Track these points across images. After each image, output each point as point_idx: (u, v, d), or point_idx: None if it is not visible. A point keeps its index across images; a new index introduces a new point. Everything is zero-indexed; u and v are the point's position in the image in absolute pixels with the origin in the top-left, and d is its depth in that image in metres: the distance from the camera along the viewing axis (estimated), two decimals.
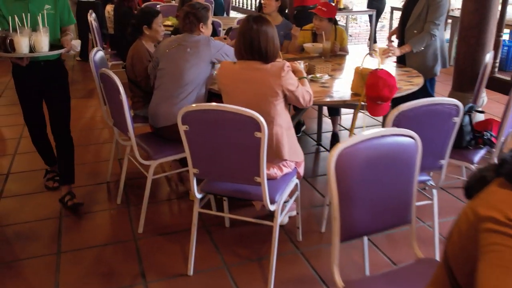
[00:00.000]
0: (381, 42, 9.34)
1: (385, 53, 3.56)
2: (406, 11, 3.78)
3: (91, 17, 5.54)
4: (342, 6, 7.55)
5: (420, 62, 3.73)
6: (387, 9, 9.03)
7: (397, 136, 1.80)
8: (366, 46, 8.75)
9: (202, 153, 2.29)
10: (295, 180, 2.61)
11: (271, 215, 2.43)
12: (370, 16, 8.82)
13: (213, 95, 3.20)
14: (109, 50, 6.07)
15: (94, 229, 3.01)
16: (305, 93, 2.52)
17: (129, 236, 2.91)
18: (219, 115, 2.17)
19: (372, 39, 8.28)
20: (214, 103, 2.25)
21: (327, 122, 4.54)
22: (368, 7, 8.44)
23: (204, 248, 2.77)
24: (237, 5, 10.99)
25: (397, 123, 2.18)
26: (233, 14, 10.07)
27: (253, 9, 11.33)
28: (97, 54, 3.41)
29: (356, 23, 11.02)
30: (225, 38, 3.71)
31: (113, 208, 3.26)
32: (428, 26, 3.59)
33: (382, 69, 2.75)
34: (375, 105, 2.77)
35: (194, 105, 2.22)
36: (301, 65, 2.90)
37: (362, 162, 1.74)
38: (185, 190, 3.44)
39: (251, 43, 2.39)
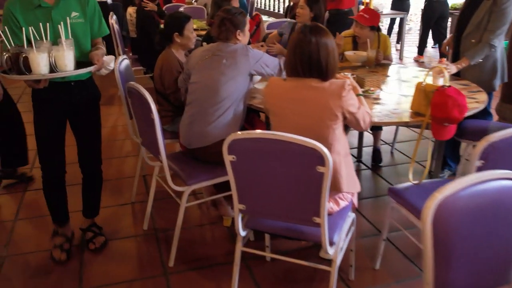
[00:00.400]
0: (409, 45, 8.94)
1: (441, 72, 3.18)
2: (464, 17, 3.38)
3: (112, 19, 5.26)
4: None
5: (476, 75, 3.33)
6: (416, 11, 8.65)
7: (502, 180, 1.46)
8: (395, 50, 8.37)
9: (250, 188, 1.96)
10: (351, 215, 2.27)
11: (317, 247, 2.06)
12: (393, 20, 8.45)
13: (251, 111, 2.88)
14: (131, 54, 5.80)
15: (119, 259, 2.70)
16: (365, 114, 2.18)
17: (158, 270, 2.59)
18: (274, 144, 1.82)
19: (403, 43, 7.90)
20: (259, 131, 1.92)
21: (367, 136, 4.19)
22: (392, 9, 8.11)
23: (244, 287, 2.44)
24: (261, 7, 10.66)
25: (485, 157, 1.84)
26: None
27: (276, 11, 11.03)
28: (123, 63, 3.10)
29: (382, 25, 10.62)
30: (262, 46, 3.39)
31: (139, 234, 2.94)
32: (488, 36, 3.19)
33: (450, 86, 2.40)
34: (441, 127, 2.42)
35: (241, 132, 1.88)
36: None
37: (464, 214, 1.40)
38: (218, 215, 3.11)
39: (310, 58, 2.05)
